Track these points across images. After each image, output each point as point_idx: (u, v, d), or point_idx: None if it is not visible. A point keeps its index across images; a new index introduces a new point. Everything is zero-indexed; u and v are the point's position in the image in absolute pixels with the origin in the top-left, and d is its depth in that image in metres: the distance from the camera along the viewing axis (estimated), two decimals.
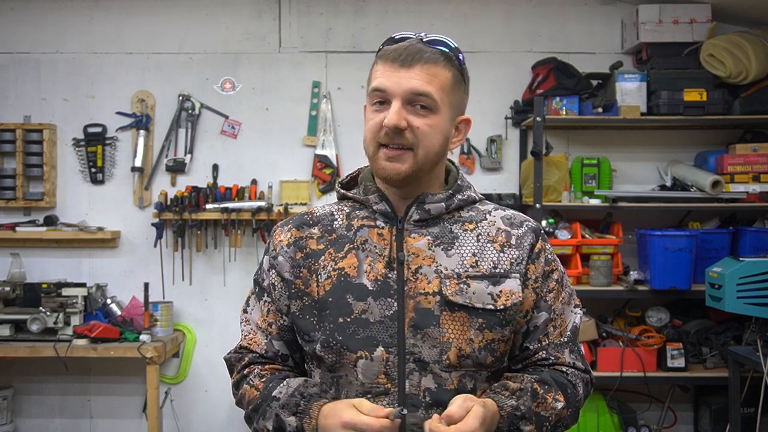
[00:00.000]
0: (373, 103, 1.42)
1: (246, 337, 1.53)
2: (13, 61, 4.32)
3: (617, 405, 4.01)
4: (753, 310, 3.44)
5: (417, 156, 1.40)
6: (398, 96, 1.38)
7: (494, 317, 1.41)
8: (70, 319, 3.96)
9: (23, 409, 4.33)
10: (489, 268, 1.43)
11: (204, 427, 4.35)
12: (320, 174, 4.27)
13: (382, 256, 1.42)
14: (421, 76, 1.38)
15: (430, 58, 1.39)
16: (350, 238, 1.45)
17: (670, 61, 4.00)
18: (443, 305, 1.39)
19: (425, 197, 1.44)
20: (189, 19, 4.32)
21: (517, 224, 1.49)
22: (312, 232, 1.49)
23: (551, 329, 1.48)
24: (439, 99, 1.39)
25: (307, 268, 1.46)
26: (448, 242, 1.44)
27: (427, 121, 1.39)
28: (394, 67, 1.39)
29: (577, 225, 3.93)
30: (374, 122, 1.40)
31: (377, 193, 1.46)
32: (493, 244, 1.45)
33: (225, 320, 4.30)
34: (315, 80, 4.31)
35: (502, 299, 1.41)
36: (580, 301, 1.56)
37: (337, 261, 1.44)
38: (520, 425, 1.36)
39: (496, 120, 4.27)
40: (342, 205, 1.52)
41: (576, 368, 1.49)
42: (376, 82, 1.40)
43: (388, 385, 1.38)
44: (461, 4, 4.31)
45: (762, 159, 3.92)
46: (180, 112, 4.29)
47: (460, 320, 1.39)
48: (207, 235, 4.26)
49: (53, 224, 4.21)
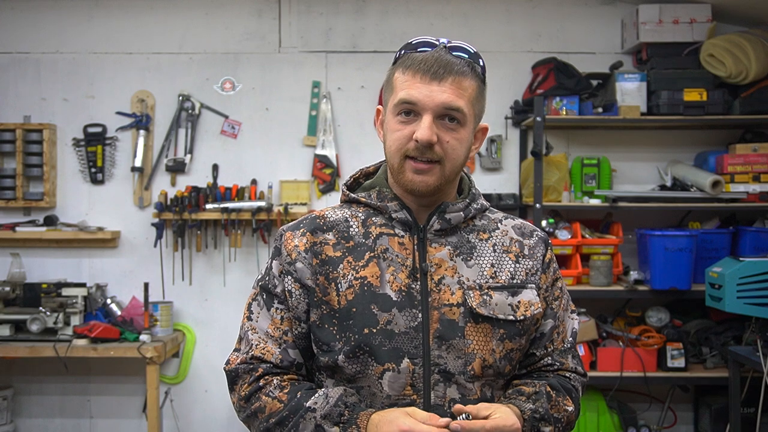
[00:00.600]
0: (398, 113, 1.39)
1: (257, 346, 1.45)
2: (13, 61, 4.32)
3: (617, 405, 4.01)
4: (753, 310, 3.44)
5: (445, 169, 1.39)
6: (430, 110, 1.36)
7: (514, 328, 1.43)
8: (70, 319, 3.97)
9: (23, 409, 4.33)
10: (507, 278, 1.45)
11: (204, 427, 4.35)
12: (320, 174, 4.27)
13: (404, 265, 1.41)
14: (452, 90, 1.36)
15: (460, 71, 1.37)
16: (369, 246, 1.43)
17: (670, 61, 3.99)
18: (468, 317, 1.40)
19: (446, 207, 1.44)
20: (189, 19, 4.32)
21: (527, 234, 1.52)
22: (327, 237, 1.45)
23: (555, 336, 1.51)
24: (468, 112, 1.39)
25: (324, 275, 1.42)
26: (467, 252, 1.44)
27: (456, 135, 1.39)
28: (425, 79, 1.36)
29: (577, 225, 3.93)
30: (402, 134, 1.38)
31: (397, 201, 1.45)
32: (509, 255, 1.47)
33: (225, 320, 4.31)
34: (315, 80, 4.31)
35: (521, 310, 1.43)
36: (575, 306, 1.60)
37: (357, 270, 1.41)
38: (540, 426, 1.39)
39: (496, 120, 4.27)
40: (354, 210, 1.49)
41: (577, 373, 1.54)
42: (405, 93, 1.37)
43: (414, 396, 1.38)
44: (461, 4, 4.31)
45: (762, 159, 3.92)
46: (180, 112, 4.29)
47: (483, 331, 1.40)
48: (207, 235, 4.26)
49: (53, 224, 4.21)
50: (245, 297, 1.57)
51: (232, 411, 4.81)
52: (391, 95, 1.42)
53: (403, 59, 1.41)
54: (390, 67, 1.46)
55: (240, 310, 4.78)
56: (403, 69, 1.40)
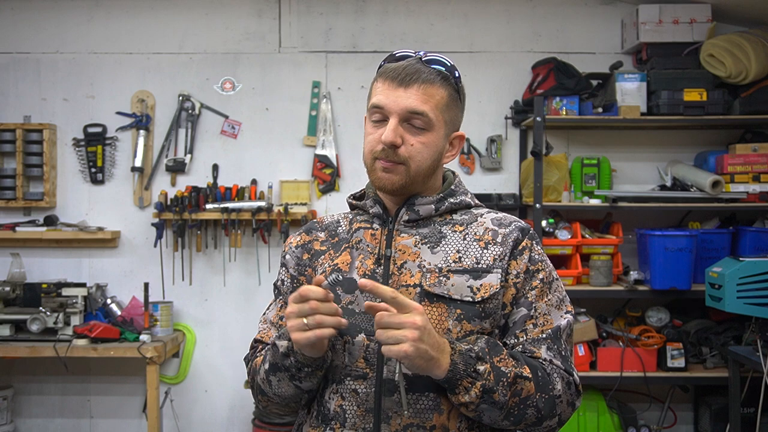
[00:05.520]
0: (372, 119, 1.51)
1: (260, 332, 1.63)
2: (13, 61, 4.32)
3: (617, 405, 4.01)
4: (753, 310, 3.44)
5: (410, 169, 1.48)
6: (395, 114, 1.47)
7: (473, 309, 1.45)
8: (70, 319, 3.97)
9: (23, 409, 4.33)
10: (471, 263, 1.48)
11: (204, 427, 4.35)
12: (320, 174, 4.27)
13: (372, 253, 1.52)
14: (417, 96, 1.46)
15: (426, 79, 1.47)
16: (347, 239, 1.57)
17: (670, 61, 4.00)
18: (422, 296, 1.45)
19: (415, 199, 1.54)
20: (189, 19, 4.32)
21: (505, 224, 1.54)
22: (318, 235, 1.62)
23: (530, 326, 1.47)
24: (434, 117, 1.48)
25: (312, 267, 1.58)
26: (434, 241, 1.51)
27: (421, 138, 1.48)
28: (393, 85, 1.47)
29: (577, 225, 3.93)
30: (373, 137, 1.50)
31: (372, 198, 1.57)
32: (479, 243, 1.51)
33: (225, 320, 4.31)
34: (315, 80, 4.31)
35: (482, 292, 1.46)
36: (572, 307, 1.55)
37: (333, 259, 1.55)
38: (476, 366, 1.35)
39: (496, 120, 4.27)
40: (348, 213, 1.64)
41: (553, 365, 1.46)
42: (375, 99, 1.49)
43: (367, 369, 1.44)
44: (461, 4, 4.31)
45: (762, 159, 3.92)
46: (180, 112, 4.29)
47: (438, 311, 1.44)
48: (207, 235, 4.26)
49: (53, 224, 4.21)
50: (245, 297, 1.66)
51: (232, 411, 4.84)
52: (369, 102, 1.54)
53: (382, 69, 1.52)
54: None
55: (240, 310, 4.78)
56: (379, 78, 1.51)
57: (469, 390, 1.35)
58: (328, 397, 1.47)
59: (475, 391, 1.35)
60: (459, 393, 1.36)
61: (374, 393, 1.43)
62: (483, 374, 1.35)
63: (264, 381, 1.50)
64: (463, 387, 1.35)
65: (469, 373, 1.35)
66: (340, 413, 1.45)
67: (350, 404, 1.44)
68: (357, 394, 1.44)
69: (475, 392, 1.35)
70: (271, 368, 1.47)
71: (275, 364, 1.46)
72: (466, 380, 1.35)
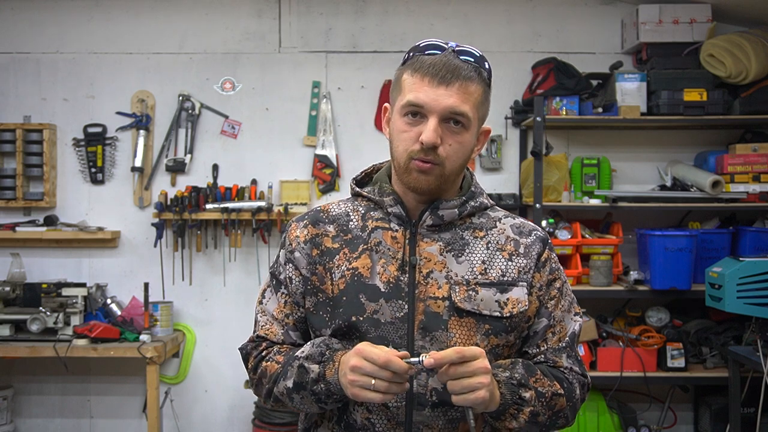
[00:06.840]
0: (405, 114, 1.43)
1: (262, 327, 1.56)
2: (13, 61, 4.32)
3: (617, 405, 4.01)
4: (753, 310, 3.44)
5: (444, 170, 1.43)
6: (436, 113, 1.40)
7: (500, 324, 1.45)
8: (70, 319, 3.96)
9: (23, 409, 4.33)
10: (497, 276, 1.46)
11: (204, 427, 4.35)
12: (320, 174, 4.27)
13: (395, 258, 1.46)
14: (459, 95, 1.40)
15: (467, 76, 1.41)
16: (364, 239, 1.49)
17: (670, 61, 4.00)
18: (452, 311, 1.43)
19: (439, 203, 1.48)
20: (189, 19, 4.32)
21: (525, 233, 1.53)
22: (327, 229, 1.53)
23: (550, 335, 1.51)
24: (472, 116, 1.43)
25: (322, 265, 1.50)
26: (458, 249, 1.47)
27: (459, 138, 1.42)
28: (433, 83, 1.40)
29: (577, 225, 3.93)
30: (409, 135, 1.42)
31: (393, 196, 1.49)
32: (502, 253, 1.49)
33: (225, 320, 4.31)
34: (315, 80, 4.31)
35: (509, 307, 1.45)
36: (580, 308, 1.58)
37: (351, 261, 1.48)
38: (520, 392, 1.38)
39: (496, 120, 4.27)
40: (356, 204, 1.55)
41: (573, 372, 1.52)
42: (413, 96, 1.41)
43: None
44: (461, 4, 4.31)
45: (762, 159, 3.92)
46: (180, 112, 4.29)
47: (467, 325, 1.43)
48: (207, 235, 4.26)
49: (53, 224, 4.21)
50: (245, 297, 1.64)
51: (232, 411, 4.82)
52: (398, 96, 1.45)
53: (412, 61, 1.44)
54: (398, 67, 1.49)
55: (240, 310, 4.77)
56: (411, 71, 1.43)
57: (517, 416, 1.39)
58: (353, 408, 1.44)
59: (523, 417, 1.39)
60: (505, 419, 1.39)
61: (404, 407, 1.41)
62: (529, 401, 1.39)
63: (284, 395, 1.47)
64: (509, 414, 1.38)
65: (515, 401, 1.38)
66: (369, 426, 1.42)
67: (379, 418, 1.42)
68: (387, 409, 1.42)
69: (524, 418, 1.39)
70: (296, 387, 1.43)
71: (301, 384, 1.42)
72: (512, 408, 1.38)
